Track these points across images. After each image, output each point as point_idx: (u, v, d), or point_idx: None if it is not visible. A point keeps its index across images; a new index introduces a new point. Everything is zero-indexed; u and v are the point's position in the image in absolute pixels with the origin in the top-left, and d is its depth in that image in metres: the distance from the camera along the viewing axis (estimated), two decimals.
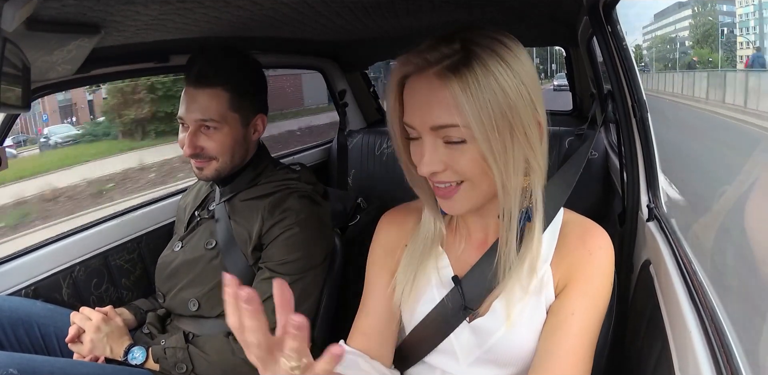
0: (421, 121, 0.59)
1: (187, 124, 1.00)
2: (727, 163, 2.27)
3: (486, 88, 0.56)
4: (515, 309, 0.65)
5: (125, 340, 0.98)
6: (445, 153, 0.60)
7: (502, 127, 0.57)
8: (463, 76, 0.56)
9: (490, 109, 0.56)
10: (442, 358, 0.71)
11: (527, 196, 0.64)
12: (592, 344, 0.64)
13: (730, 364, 0.53)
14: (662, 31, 17.82)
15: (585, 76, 1.75)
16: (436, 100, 0.58)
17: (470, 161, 0.59)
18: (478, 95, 0.56)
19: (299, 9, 0.87)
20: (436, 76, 0.58)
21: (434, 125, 0.58)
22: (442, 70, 0.57)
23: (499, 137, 0.57)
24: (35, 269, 1.10)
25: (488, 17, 1.20)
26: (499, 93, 0.56)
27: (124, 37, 0.86)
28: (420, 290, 0.71)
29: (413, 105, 0.60)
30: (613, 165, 1.49)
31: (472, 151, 0.59)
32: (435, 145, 0.60)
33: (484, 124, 0.56)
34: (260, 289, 0.97)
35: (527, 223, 0.65)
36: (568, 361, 0.62)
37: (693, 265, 0.74)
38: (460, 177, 0.61)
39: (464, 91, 0.56)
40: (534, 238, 0.65)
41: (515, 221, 0.63)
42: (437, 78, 0.57)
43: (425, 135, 0.60)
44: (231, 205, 1.07)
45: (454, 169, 0.60)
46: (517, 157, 0.59)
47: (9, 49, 0.53)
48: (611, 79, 1.00)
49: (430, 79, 0.58)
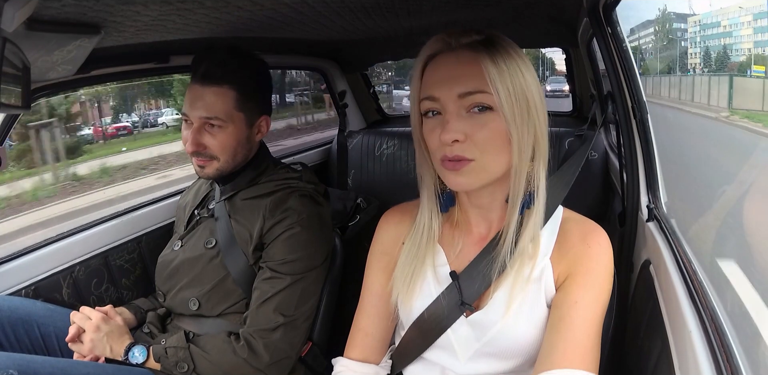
0: (447, 91, 0.63)
1: (191, 121, 1.00)
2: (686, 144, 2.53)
3: (511, 66, 0.62)
4: (515, 301, 0.66)
5: (125, 339, 0.97)
6: (468, 123, 0.63)
7: (522, 104, 0.62)
8: (493, 50, 0.62)
9: (515, 85, 0.62)
10: (441, 354, 0.71)
11: (530, 182, 0.67)
12: (597, 335, 0.63)
13: (730, 363, 0.53)
14: (633, 44, 19.09)
15: (585, 77, 1.75)
16: (466, 70, 0.62)
17: (492, 132, 0.63)
18: (505, 69, 0.62)
19: (299, 9, 0.87)
20: (468, 48, 0.63)
21: (463, 92, 0.62)
22: (474, 44, 0.63)
23: (519, 112, 0.62)
24: (35, 269, 1.10)
25: (488, 18, 1.20)
26: (519, 74, 0.63)
27: (125, 38, 0.87)
28: (417, 287, 0.71)
29: (438, 77, 0.64)
30: (612, 165, 1.49)
31: (496, 122, 0.62)
32: (459, 114, 0.63)
33: (510, 95, 0.62)
34: (262, 289, 0.98)
35: (526, 210, 0.67)
36: (575, 351, 0.61)
37: (693, 265, 0.74)
38: (477, 152, 0.63)
39: (494, 62, 0.62)
40: (530, 226, 0.66)
41: (518, 205, 0.66)
42: (469, 50, 0.63)
43: (449, 104, 0.63)
44: (231, 204, 1.06)
45: (474, 140, 0.63)
46: (529, 138, 0.64)
47: (9, 49, 0.53)
48: (611, 80, 1.00)
49: (460, 53, 0.63)
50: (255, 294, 0.98)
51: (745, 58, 6.15)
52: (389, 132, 1.91)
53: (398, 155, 1.84)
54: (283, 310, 0.96)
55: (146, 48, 1.03)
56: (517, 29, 1.41)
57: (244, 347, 0.94)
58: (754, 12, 6.05)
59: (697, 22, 8.51)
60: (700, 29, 8.27)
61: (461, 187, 0.66)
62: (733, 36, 6.93)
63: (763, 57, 5.94)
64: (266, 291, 0.97)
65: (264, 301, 0.96)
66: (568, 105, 2.09)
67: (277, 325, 0.95)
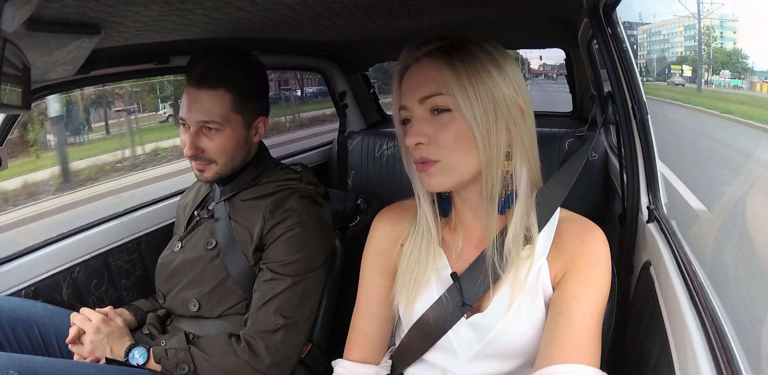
0: (412, 98, 0.65)
1: (189, 125, 1.00)
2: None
3: (470, 65, 0.63)
4: (515, 301, 0.66)
5: (126, 340, 0.97)
6: (431, 125, 0.64)
7: (486, 102, 0.63)
8: (453, 54, 0.64)
9: (476, 85, 0.63)
10: (442, 356, 0.71)
11: (509, 181, 0.67)
12: (597, 330, 0.63)
13: (730, 364, 0.53)
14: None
15: (585, 77, 1.75)
16: (426, 77, 0.65)
17: (452, 132, 0.63)
18: (462, 69, 0.63)
19: (299, 10, 0.87)
20: (428, 55, 0.65)
21: (422, 96, 0.64)
22: (432, 51, 0.65)
23: (482, 109, 0.62)
24: (35, 270, 1.10)
25: (488, 18, 1.20)
26: (482, 74, 0.63)
27: (125, 38, 0.87)
28: (418, 289, 0.71)
29: (407, 87, 0.67)
30: (613, 166, 1.49)
31: (455, 122, 0.63)
32: (423, 117, 0.65)
33: (469, 96, 0.62)
34: (262, 291, 0.97)
35: (507, 210, 0.67)
36: (576, 346, 0.61)
37: (693, 267, 0.74)
38: (441, 154, 0.64)
39: (450, 65, 0.63)
40: (513, 225, 0.66)
41: (494, 205, 0.66)
42: (428, 59, 0.65)
43: (415, 110, 0.65)
44: (231, 205, 1.06)
45: (437, 142, 0.64)
46: (498, 136, 0.63)
47: (9, 49, 0.53)
48: (611, 80, 1.00)
49: (422, 62, 0.66)
50: (256, 295, 0.98)
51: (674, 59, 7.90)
52: (390, 133, 1.91)
53: (398, 156, 1.83)
54: (284, 312, 0.96)
55: (146, 48, 1.03)
56: (517, 29, 1.41)
57: (245, 349, 0.94)
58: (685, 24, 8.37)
59: (646, 30, 10.60)
60: (647, 36, 10.57)
61: (434, 188, 0.67)
62: (669, 42, 9.21)
63: (684, 58, 8.17)
64: (267, 292, 0.97)
65: (265, 303, 0.96)
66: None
67: (278, 327, 0.95)
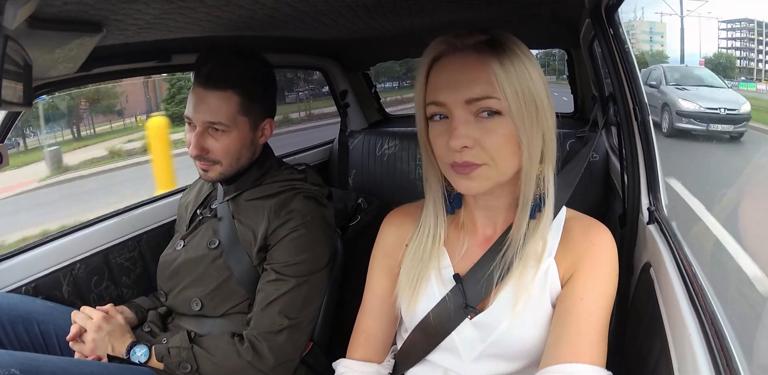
0: (454, 96, 0.61)
1: (194, 124, 0.99)
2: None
3: (518, 66, 0.60)
4: (520, 301, 0.65)
5: (127, 338, 0.97)
6: (476, 128, 0.61)
7: (530, 106, 0.61)
8: (500, 51, 0.60)
9: (523, 87, 0.60)
10: (445, 356, 0.71)
11: (539, 185, 0.66)
12: (604, 330, 0.63)
13: (729, 366, 0.53)
14: None
15: (586, 78, 1.74)
16: (472, 74, 0.61)
17: (501, 137, 0.61)
18: (512, 71, 0.60)
19: (301, 8, 0.87)
20: (473, 50, 0.61)
21: (470, 98, 0.60)
22: (479, 46, 0.61)
23: (527, 115, 0.61)
24: (35, 266, 1.10)
25: (490, 17, 1.20)
26: (526, 75, 0.61)
27: (126, 36, 0.86)
28: (421, 289, 0.71)
29: (444, 81, 0.62)
30: (613, 167, 1.49)
31: (505, 127, 0.61)
32: (467, 119, 0.61)
33: (518, 99, 0.60)
34: (266, 291, 0.97)
35: (537, 213, 0.66)
36: (582, 345, 0.61)
37: (693, 268, 0.73)
38: (486, 157, 0.62)
39: (502, 64, 0.60)
40: (540, 228, 0.66)
41: (528, 208, 0.65)
42: (475, 52, 0.61)
43: (457, 110, 0.61)
44: (235, 204, 1.06)
45: (483, 145, 0.61)
46: (537, 140, 0.62)
47: (11, 46, 0.53)
48: (613, 81, 1.00)
49: (466, 55, 0.61)
50: (259, 296, 0.98)
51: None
52: (391, 132, 1.91)
53: (399, 155, 1.84)
54: (288, 313, 0.96)
55: (148, 46, 1.03)
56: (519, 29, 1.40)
57: (248, 349, 0.94)
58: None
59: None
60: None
61: (471, 191, 0.65)
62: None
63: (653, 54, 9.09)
64: (271, 293, 0.96)
65: (268, 304, 0.96)
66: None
67: (281, 328, 0.95)
